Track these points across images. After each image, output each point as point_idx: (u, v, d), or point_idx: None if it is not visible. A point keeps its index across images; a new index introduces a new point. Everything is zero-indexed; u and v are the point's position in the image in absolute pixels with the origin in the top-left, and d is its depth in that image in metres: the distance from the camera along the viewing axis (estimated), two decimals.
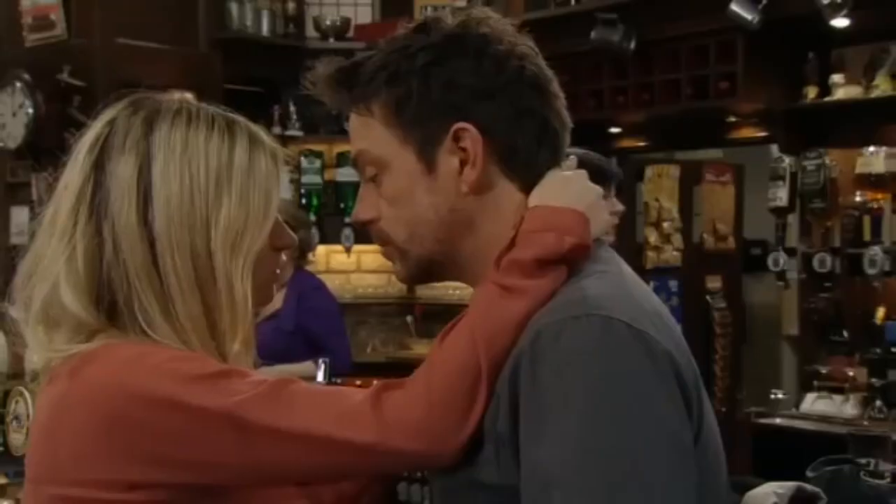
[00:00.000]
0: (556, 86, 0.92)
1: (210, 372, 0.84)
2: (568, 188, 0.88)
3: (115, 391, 0.82)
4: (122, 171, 0.87)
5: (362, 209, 0.92)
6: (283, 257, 0.98)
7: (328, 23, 4.77)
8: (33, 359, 0.90)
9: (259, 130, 0.96)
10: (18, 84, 4.26)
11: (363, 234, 0.93)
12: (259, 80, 4.72)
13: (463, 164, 0.87)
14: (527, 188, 0.89)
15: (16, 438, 1.69)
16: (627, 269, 0.90)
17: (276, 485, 0.88)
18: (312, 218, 4.37)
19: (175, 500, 0.82)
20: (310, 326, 3.14)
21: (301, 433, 0.81)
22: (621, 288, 0.84)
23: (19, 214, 4.60)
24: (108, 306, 0.88)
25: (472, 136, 0.86)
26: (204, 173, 0.88)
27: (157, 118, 0.90)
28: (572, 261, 0.85)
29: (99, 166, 0.89)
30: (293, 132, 4.66)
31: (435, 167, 0.88)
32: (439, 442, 0.80)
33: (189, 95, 4.54)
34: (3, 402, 1.75)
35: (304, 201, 4.62)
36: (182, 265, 0.87)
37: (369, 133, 0.90)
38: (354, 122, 0.92)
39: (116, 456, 0.80)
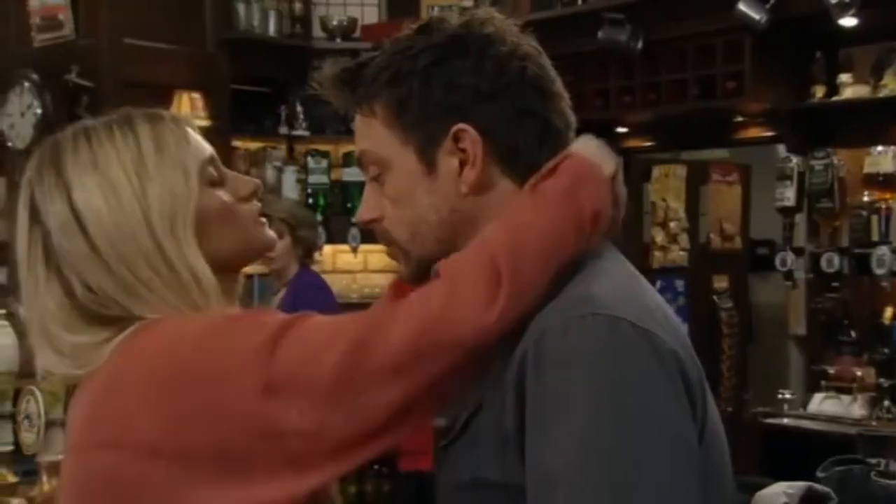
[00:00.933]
0: (559, 86, 0.92)
1: (244, 315, 0.88)
2: (598, 154, 0.88)
3: (168, 356, 0.83)
4: (55, 212, 0.91)
5: (366, 209, 0.93)
6: (257, 203, 0.99)
7: (335, 23, 4.78)
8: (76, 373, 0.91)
9: (157, 110, 0.97)
10: (27, 84, 4.27)
11: (369, 233, 0.93)
12: (266, 80, 4.72)
13: (463, 164, 0.87)
14: None
15: (27, 437, 1.70)
16: (630, 267, 0.90)
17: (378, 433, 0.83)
18: (319, 218, 4.38)
19: (203, 471, 0.81)
20: None
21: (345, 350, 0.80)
22: (626, 287, 0.84)
23: None
24: (111, 320, 0.90)
25: (471, 137, 0.87)
26: (122, 175, 0.90)
27: (61, 153, 0.93)
28: (597, 230, 0.85)
29: (35, 221, 0.93)
30: (300, 132, 4.67)
31: (435, 168, 0.88)
32: (471, 317, 0.79)
33: (196, 95, 4.57)
34: (13, 401, 1.75)
35: (310, 201, 4.63)
36: (138, 272, 0.88)
37: (372, 133, 0.90)
38: (358, 123, 0.92)
39: (168, 420, 0.81)
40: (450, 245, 0.89)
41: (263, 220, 1.00)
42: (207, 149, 0.97)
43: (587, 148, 0.89)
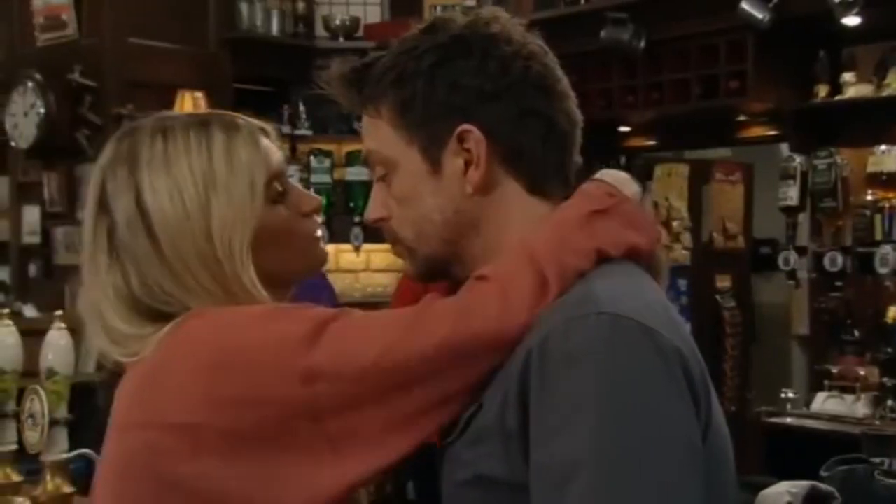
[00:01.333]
0: (564, 85, 0.91)
1: (291, 308, 0.89)
2: (627, 188, 0.93)
3: (217, 343, 0.85)
4: (123, 207, 0.93)
5: (373, 209, 0.93)
6: (318, 219, 1.02)
7: (338, 22, 4.78)
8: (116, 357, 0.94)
9: (236, 118, 0.99)
10: (30, 84, 4.28)
11: (372, 233, 0.94)
12: (269, 80, 4.73)
13: (468, 164, 0.88)
14: (535, 188, 0.89)
15: (31, 436, 1.70)
16: (633, 267, 0.89)
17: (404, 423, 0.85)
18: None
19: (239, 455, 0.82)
20: None
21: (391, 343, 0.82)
22: (629, 285, 0.84)
23: (31, 213, 4.63)
24: (165, 316, 0.91)
25: (475, 138, 0.87)
26: (191, 182, 0.92)
27: (137, 148, 0.95)
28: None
29: (104, 209, 0.95)
30: (303, 131, 4.68)
31: (440, 168, 0.88)
32: (521, 321, 0.82)
33: (199, 95, 4.57)
34: (17, 400, 1.75)
35: None
36: (198, 275, 0.91)
37: (378, 134, 0.91)
38: (365, 123, 0.93)
39: (211, 404, 0.82)
40: (454, 245, 0.90)
41: (320, 234, 1.02)
42: (277, 162, 0.98)
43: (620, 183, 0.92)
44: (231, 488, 0.82)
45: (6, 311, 1.80)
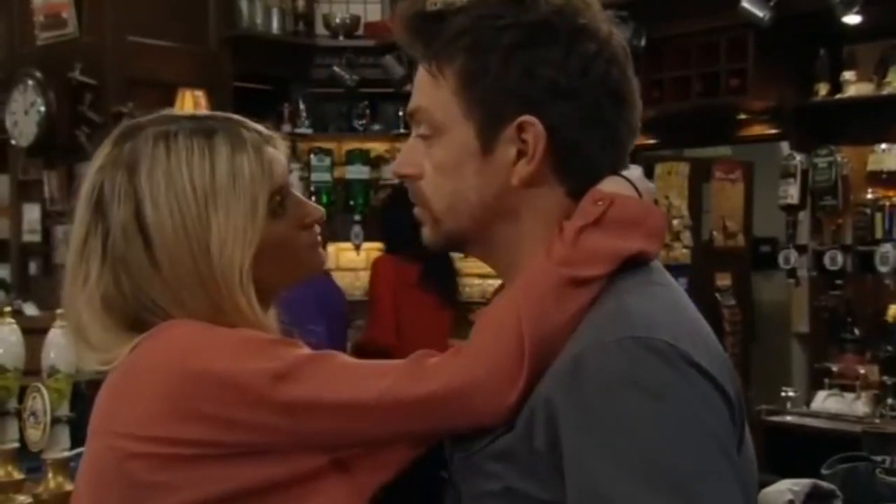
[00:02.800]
0: (635, 94, 0.88)
1: (270, 339, 0.88)
2: (642, 191, 0.86)
3: (180, 356, 0.85)
4: (120, 216, 0.91)
5: (405, 162, 0.88)
6: (317, 228, 1.00)
7: (338, 20, 4.78)
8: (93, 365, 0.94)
9: (241, 128, 0.96)
10: (30, 82, 4.28)
11: (372, 231, 0.93)
12: (269, 78, 4.73)
13: (520, 155, 0.83)
14: (577, 193, 0.85)
15: (32, 434, 1.70)
16: (672, 281, 0.87)
17: (331, 451, 0.87)
18: None
19: (217, 459, 0.83)
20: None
21: (362, 396, 0.82)
22: (665, 305, 0.81)
23: (31, 212, 4.63)
24: (146, 325, 0.91)
25: (536, 132, 0.82)
26: (192, 199, 0.90)
27: (137, 156, 0.92)
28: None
29: (99, 214, 0.93)
30: (303, 130, 4.67)
31: (491, 151, 0.84)
32: (489, 400, 0.81)
33: (199, 93, 4.56)
34: (19, 398, 1.75)
35: (313, 199, 4.63)
36: (194, 293, 0.90)
37: (435, 93, 0.85)
38: (422, 77, 0.87)
39: (176, 417, 0.83)
40: (483, 226, 0.86)
41: (319, 241, 1.00)
42: (280, 174, 0.96)
43: (625, 184, 0.85)
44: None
45: (8, 309, 1.81)
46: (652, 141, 4.46)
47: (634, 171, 0.87)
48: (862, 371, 3.49)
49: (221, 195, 0.91)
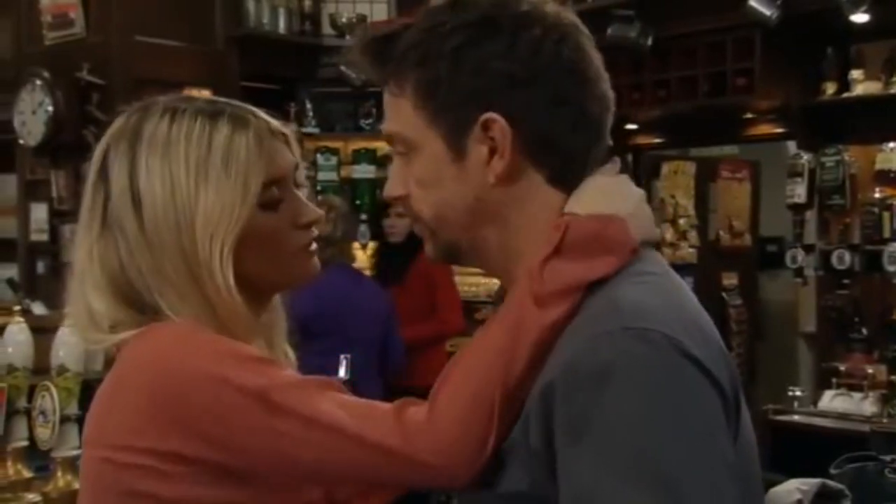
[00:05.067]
0: (597, 66, 0.86)
1: (249, 355, 0.88)
2: (610, 195, 0.84)
3: (161, 367, 0.86)
4: (118, 179, 0.92)
5: (393, 185, 0.89)
6: (315, 232, 0.99)
7: (344, 20, 4.78)
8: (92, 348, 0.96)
9: (250, 115, 0.96)
10: (38, 82, 4.29)
11: (379, 231, 0.93)
12: (275, 78, 4.73)
13: (492, 153, 0.83)
14: (558, 179, 0.85)
15: (42, 433, 1.70)
16: (668, 269, 0.86)
17: (302, 481, 0.90)
18: None
19: (204, 475, 0.84)
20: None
21: (329, 424, 0.82)
22: (657, 294, 0.80)
23: (39, 211, 4.64)
24: (139, 304, 0.92)
25: (500, 127, 0.82)
26: (184, 170, 0.91)
27: (144, 123, 0.93)
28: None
29: (103, 178, 0.94)
30: (309, 129, 4.68)
31: (463, 155, 0.84)
32: (458, 463, 0.81)
33: (206, 93, 4.59)
34: (28, 397, 1.76)
35: (319, 198, 4.64)
36: (176, 267, 0.90)
37: (400, 114, 0.86)
38: (387, 100, 0.88)
39: (160, 427, 0.84)
40: (473, 233, 0.87)
41: (314, 247, 0.99)
42: (282, 167, 0.96)
43: (602, 194, 0.84)
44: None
45: (17, 308, 1.81)
46: (658, 140, 4.46)
47: (609, 182, 0.86)
48: (870, 371, 3.48)
49: (213, 171, 0.91)
